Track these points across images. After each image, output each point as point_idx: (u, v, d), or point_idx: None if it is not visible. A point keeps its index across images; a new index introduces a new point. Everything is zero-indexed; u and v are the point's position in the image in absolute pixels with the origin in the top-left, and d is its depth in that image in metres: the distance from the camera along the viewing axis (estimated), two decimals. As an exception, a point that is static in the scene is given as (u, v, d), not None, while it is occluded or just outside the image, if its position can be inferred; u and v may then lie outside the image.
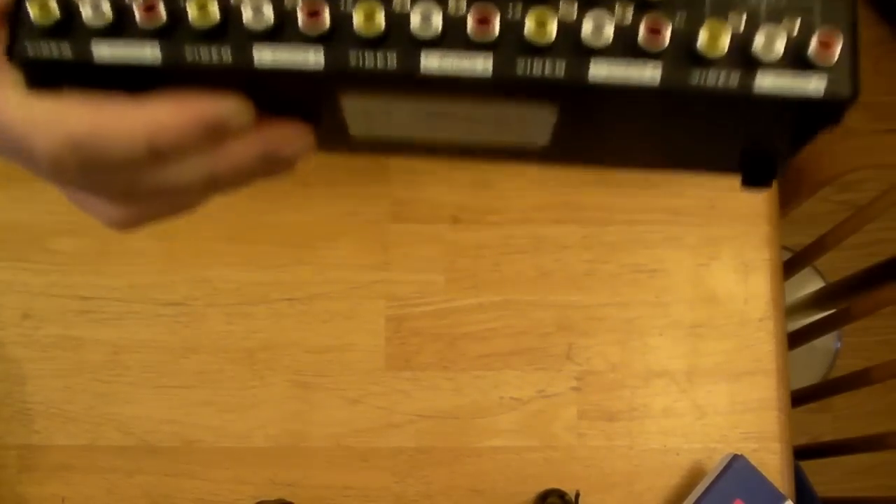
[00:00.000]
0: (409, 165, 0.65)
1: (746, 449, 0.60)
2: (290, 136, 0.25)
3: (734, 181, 0.65)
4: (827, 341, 1.38)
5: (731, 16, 0.20)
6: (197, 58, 0.21)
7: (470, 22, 0.20)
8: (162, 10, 0.21)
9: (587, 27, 0.20)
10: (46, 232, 0.63)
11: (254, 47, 0.21)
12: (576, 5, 0.20)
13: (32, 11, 0.21)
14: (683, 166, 0.28)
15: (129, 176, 0.23)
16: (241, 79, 0.22)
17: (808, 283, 1.34)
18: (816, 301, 1.13)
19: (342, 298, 0.63)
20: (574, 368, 0.62)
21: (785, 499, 0.57)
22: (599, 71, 0.20)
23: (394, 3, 0.21)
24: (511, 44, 0.20)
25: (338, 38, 0.21)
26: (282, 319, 0.63)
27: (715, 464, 0.59)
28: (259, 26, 0.21)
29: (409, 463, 0.61)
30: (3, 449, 0.62)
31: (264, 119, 0.24)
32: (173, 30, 0.21)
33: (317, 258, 0.63)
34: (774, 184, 0.65)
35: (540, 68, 0.20)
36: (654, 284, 0.63)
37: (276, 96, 0.24)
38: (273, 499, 0.60)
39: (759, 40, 0.20)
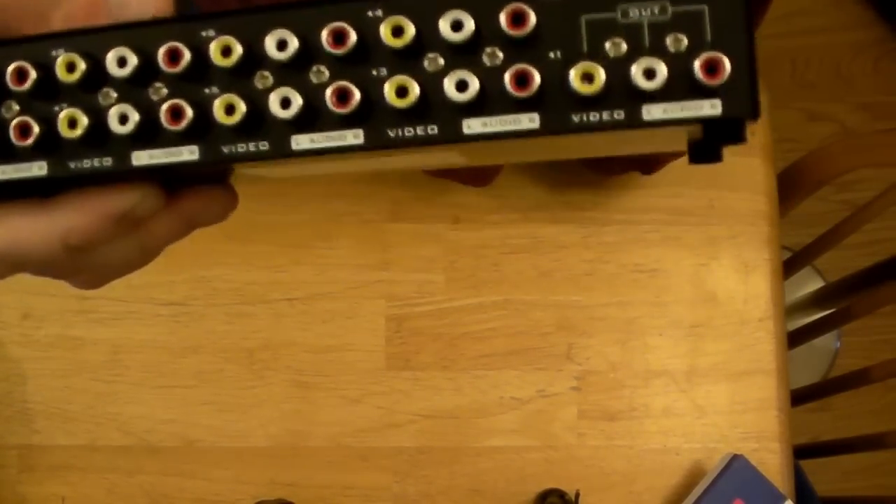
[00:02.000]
0: (409, 165, 0.65)
1: (746, 448, 0.60)
2: (205, 206, 0.27)
3: (734, 181, 0.65)
4: (826, 341, 1.38)
5: (610, 42, 0.20)
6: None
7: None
8: (36, 129, 0.22)
9: (449, 84, 0.20)
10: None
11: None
12: (441, 60, 0.21)
13: None
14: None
15: (60, 267, 0.25)
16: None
17: (808, 283, 1.34)
18: (816, 301, 1.13)
19: (342, 298, 0.63)
20: (574, 368, 0.62)
21: (785, 498, 0.57)
22: (474, 125, 0.21)
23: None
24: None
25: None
26: (282, 319, 0.63)
27: (715, 464, 0.59)
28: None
29: (409, 463, 0.61)
30: (3, 449, 0.62)
31: (179, 194, 0.26)
32: (54, 140, 0.22)
33: (316, 258, 0.63)
34: (774, 184, 0.65)
35: (412, 130, 0.21)
36: (654, 284, 0.63)
37: (191, 175, 0.25)
38: (273, 499, 0.60)
39: (636, 73, 0.20)
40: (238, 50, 0.21)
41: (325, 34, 0.21)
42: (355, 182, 0.64)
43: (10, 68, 0.22)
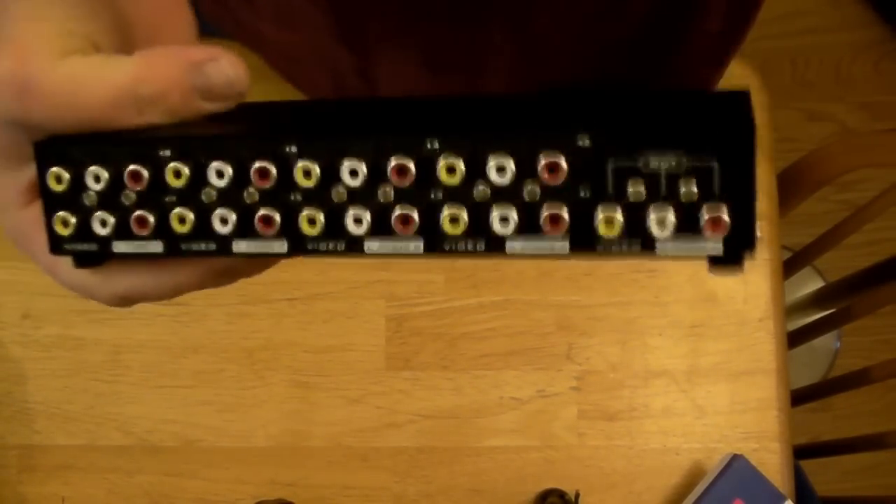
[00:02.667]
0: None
1: (746, 448, 0.60)
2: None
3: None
4: (827, 341, 1.38)
5: (632, 187, 0.23)
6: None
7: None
8: (151, 220, 0.27)
9: (493, 218, 0.24)
10: (46, 232, 0.63)
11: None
12: (488, 192, 0.24)
13: (57, 226, 0.28)
14: None
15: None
16: None
17: (808, 283, 1.34)
18: (816, 301, 1.13)
19: (342, 298, 0.63)
20: (574, 368, 0.62)
21: (785, 498, 0.57)
22: (515, 246, 0.25)
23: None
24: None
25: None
26: (282, 319, 0.63)
27: (715, 463, 0.60)
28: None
29: (409, 463, 0.61)
30: (3, 449, 0.62)
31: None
32: (166, 228, 0.27)
33: (318, 258, 0.63)
34: (774, 184, 0.65)
35: (464, 245, 0.25)
36: (653, 284, 0.63)
37: None
38: (273, 499, 0.60)
39: (651, 221, 0.23)
40: (317, 172, 0.25)
41: (390, 168, 0.24)
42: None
43: (128, 170, 0.26)
